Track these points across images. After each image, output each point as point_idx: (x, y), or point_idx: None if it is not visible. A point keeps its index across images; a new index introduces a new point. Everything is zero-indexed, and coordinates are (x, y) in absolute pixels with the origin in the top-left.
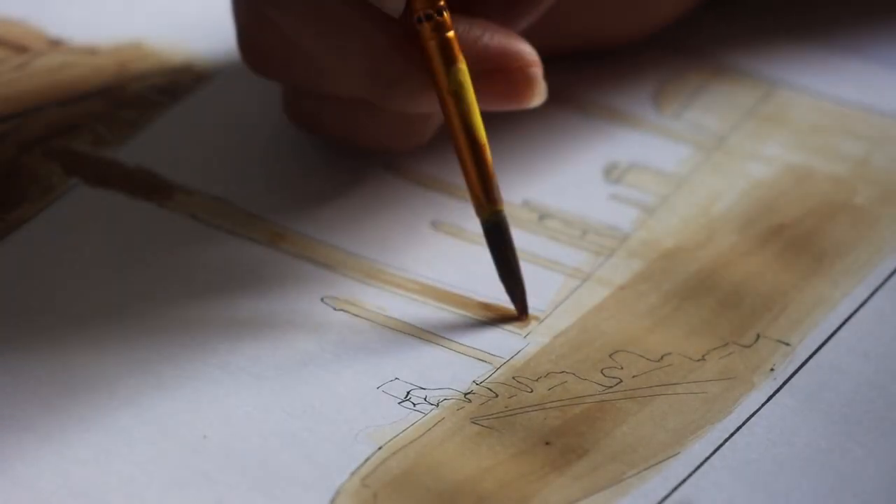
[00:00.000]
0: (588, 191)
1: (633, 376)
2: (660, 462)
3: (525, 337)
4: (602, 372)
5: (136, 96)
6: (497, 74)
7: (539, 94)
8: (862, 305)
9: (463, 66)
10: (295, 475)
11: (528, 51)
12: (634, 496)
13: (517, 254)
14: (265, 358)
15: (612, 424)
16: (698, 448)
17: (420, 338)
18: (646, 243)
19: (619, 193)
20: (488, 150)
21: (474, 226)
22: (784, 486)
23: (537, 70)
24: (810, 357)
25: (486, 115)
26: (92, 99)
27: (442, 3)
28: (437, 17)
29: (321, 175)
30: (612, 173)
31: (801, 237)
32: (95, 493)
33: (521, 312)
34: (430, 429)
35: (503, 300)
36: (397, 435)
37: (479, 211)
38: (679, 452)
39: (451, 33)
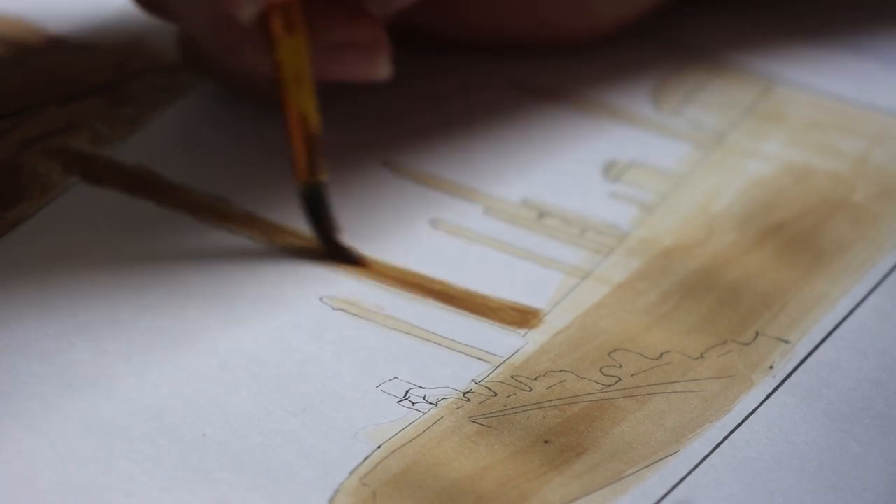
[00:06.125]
0: (587, 189)
1: (632, 375)
2: (659, 460)
3: (524, 335)
4: (601, 370)
5: (135, 94)
6: (340, 48)
7: (382, 69)
8: (861, 303)
9: (301, 36)
10: (294, 474)
11: (370, 24)
12: (633, 495)
13: (334, 220)
14: (264, 357)
15: (611, 423)
16: (697, 446)
17: (419, 337)
18: (645, 241)
19: (618, 191)
20: (315, 122)
21: (474, 224)
22: (783, 484)
23: (380, 45)
24: (809, 355)
25: (483, 113)
26: (91, 97)
27: None
28: None
29: None
30: (611, 171)
31: (801, 235)
32: (94, 491)
33: (354, 260)
34: (429, 428)
35: (502, 298)
36: (396, 434)
37: (298, 178)
38: (678, 451)
39: (294, 4)
